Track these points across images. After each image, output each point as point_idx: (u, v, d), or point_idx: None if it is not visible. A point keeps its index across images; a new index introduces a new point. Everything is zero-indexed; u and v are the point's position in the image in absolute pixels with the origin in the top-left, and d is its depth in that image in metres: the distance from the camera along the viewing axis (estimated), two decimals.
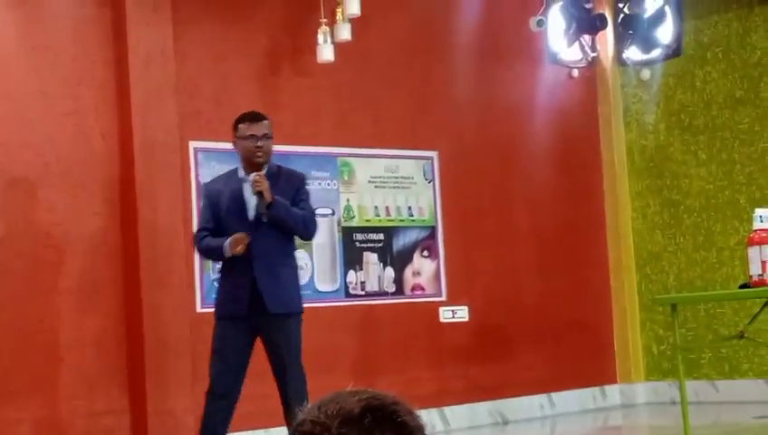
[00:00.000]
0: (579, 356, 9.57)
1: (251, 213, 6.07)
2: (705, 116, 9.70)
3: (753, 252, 6.75)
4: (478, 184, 9.21)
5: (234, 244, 5.95)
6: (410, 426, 1.53)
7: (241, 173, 6.18)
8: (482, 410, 8.92)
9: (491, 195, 9.28)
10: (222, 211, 6.15)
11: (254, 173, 6.04)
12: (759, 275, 6.71)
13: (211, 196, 6.25)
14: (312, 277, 8.26)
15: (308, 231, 6.30)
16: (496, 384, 9.00)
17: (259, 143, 6.10)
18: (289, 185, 6.18)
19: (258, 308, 5.97)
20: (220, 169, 6.81)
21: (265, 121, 6.20)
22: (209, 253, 6.27)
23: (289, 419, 5.98)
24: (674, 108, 9.91)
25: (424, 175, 8.96)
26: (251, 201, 6.08)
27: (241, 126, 6.19)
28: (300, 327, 6.11)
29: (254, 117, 6.22)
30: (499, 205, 9.33)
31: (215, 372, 6.05)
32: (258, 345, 6.09)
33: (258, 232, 6.01)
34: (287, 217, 6.05)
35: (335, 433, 1.49)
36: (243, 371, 6.06)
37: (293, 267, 6.23)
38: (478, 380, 8.90)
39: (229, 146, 7.86)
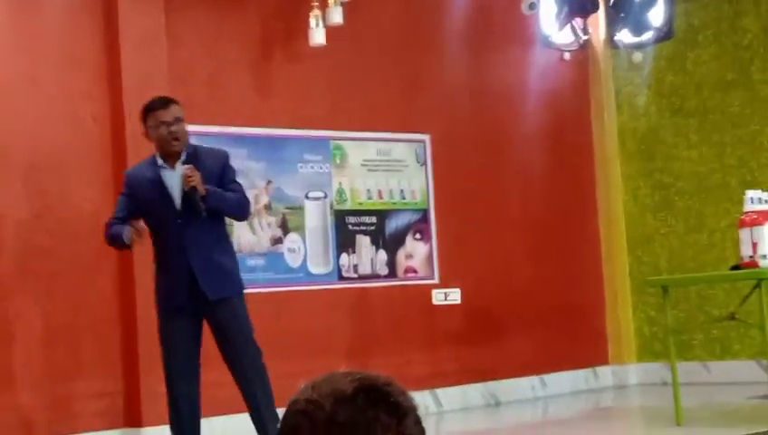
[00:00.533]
0: (570, 338, 9.61)
1: (177, 202, 5.91)
2: (696, 99, 9.72)
3: (745, 234, 6.80)
4: (470, 167, 9.22)
5: (129, 234, 5.85)
6: (404, 406, 1.55)
7: (159, 161, 5.98)
8: (474, 392, 8.95)
9: (483, 178, 9.29)
10: (144, 202, 5.98)
11: (184, 167, 5.87)
12: (750, 257, 6.76)
13: (130, 185, 6.06)
14: (304, 260, 8.28)
15: (243, 213, 6.23)
16: (488, 366, 9.03)
17: (173, 128, 5.92)
18: (214, 165, 6.02)
19: (199, 296, 5.88)
20: None
21: (175, 105, 5.99)
22: (111, 238, 6.03)
23: (250, 399, 5.93)
24: (665, 91, 9.92)
25: (416, 158, 8.98)
26: (174, 189, 5.91)
27: (150, 115, 5.97)
28: (245, 305, 6.03)
29: (162, 103, 5.99)
30: (491, 187, 9.35)
31: (173, 375, 5.95)
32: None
33: (188, 219, 5.88)
34: (223, 205, 5.95)
35: (329, 411, 1.51)
36: (196, 359, 5.99)
37: (229, 250, 6.13)
38: (471, 362, 8.93)
39: (223, 130, 7.90)
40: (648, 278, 8.69)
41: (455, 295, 8.95)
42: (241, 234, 7.95)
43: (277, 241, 8.18)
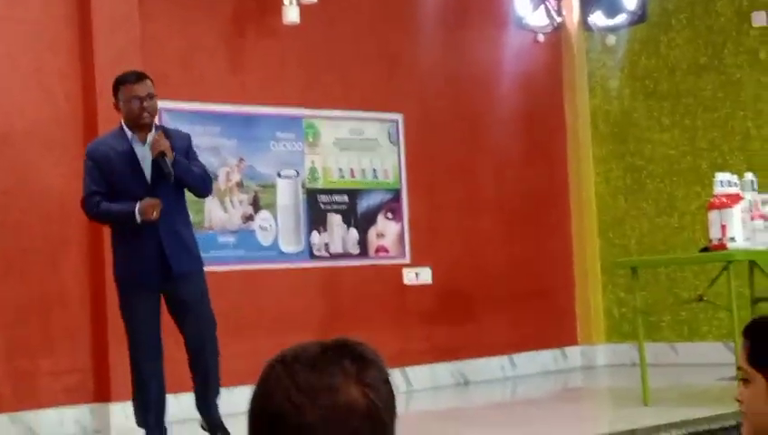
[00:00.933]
0: (540, 318, 9.66)
1: (147, 173, 5.95)
2: (669, 82, 9.77)
3: (714, 216, 6.86)
4: (443, 147, 9.24)
5: (147, 209, 5.83)
6: (368, 358, 1.59)
7: (129, 134, 6.00)
8: (444, 371, 9.00)
9: (455, 158, 9.31)
10: (113, 174, 5.97)
11: (153, 133, 5.94)
12: (718, 239, 6.82)
13: (98, 158, 6.02)
14: (276, 239, 8.28)
15: (207, 188, 6.28)
16: (459, 346, 9.07)
17: (144, 104, 5.95)
18: (180, 145, 6.07)
19: (164, 270, 5.93)
20: (189, 130, 6.67)
21: (148, 81, 6.03)
22: (112, 217, 6.04)
23: (202, 370, 6.00)
24: (638, 74, 9.96)
25: (389, 138, 8.98)
26: (146, 162, 5.95)
27: (123, 87, 6.00)
28: (205, 280, 6.12)
29: (136, 77, 6.04)
30: (463, 168, 9.37)
31: (141, 354, 5.96)
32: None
33: (157, 193, 5.92)
34: (188, 176, 6.00)
35: (295, 351, 1.60)
36: (160, 336, 6.02)
37: (190, 225, 6.21)
38: (441, 341, 8.97)
39: (196, 107, 7.88)
40: (618, 260, 8.75)
41: (426, 275, 8.99)
42: (212, 210, 7.94)
43: (248, 219, 8.17)
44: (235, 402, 5.94)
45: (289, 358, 1.58)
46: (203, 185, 6.17)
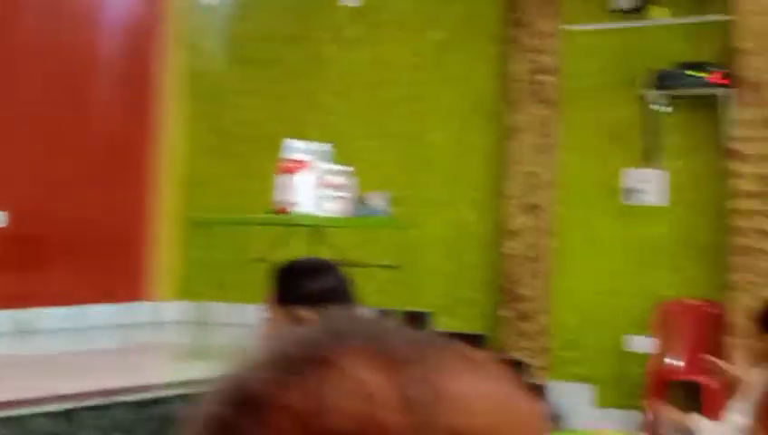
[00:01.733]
0: (113, 271, 9.59)
1: None
2: (261, 49, 9.95)
3: (280, 180, 7.09)
4: (27, 85, 8.94)
5: None
6: None
7: None
8: (5, 319, 8.72)
9: (40, 98, 9.04)
10: None
11: None
12: (283, 203, 7.05)
13: None
14: None
15: None
16: (24, 293, 8.84)
17: None
18: None
19: None
20: None
21: None
22: None
23: None
24: (233, 37, 10.09)
25: None
26: None
27: None
28: None
29: None
30: (48, 110, 9.10)
31: None
32: None
33: None
34: None
35: None
36: None
37: None
38: (5, 288, 8.70)
39: None
40: (192, 216, 8.82)
41: None
42: None
43: None
44: None
45: None
46: None
